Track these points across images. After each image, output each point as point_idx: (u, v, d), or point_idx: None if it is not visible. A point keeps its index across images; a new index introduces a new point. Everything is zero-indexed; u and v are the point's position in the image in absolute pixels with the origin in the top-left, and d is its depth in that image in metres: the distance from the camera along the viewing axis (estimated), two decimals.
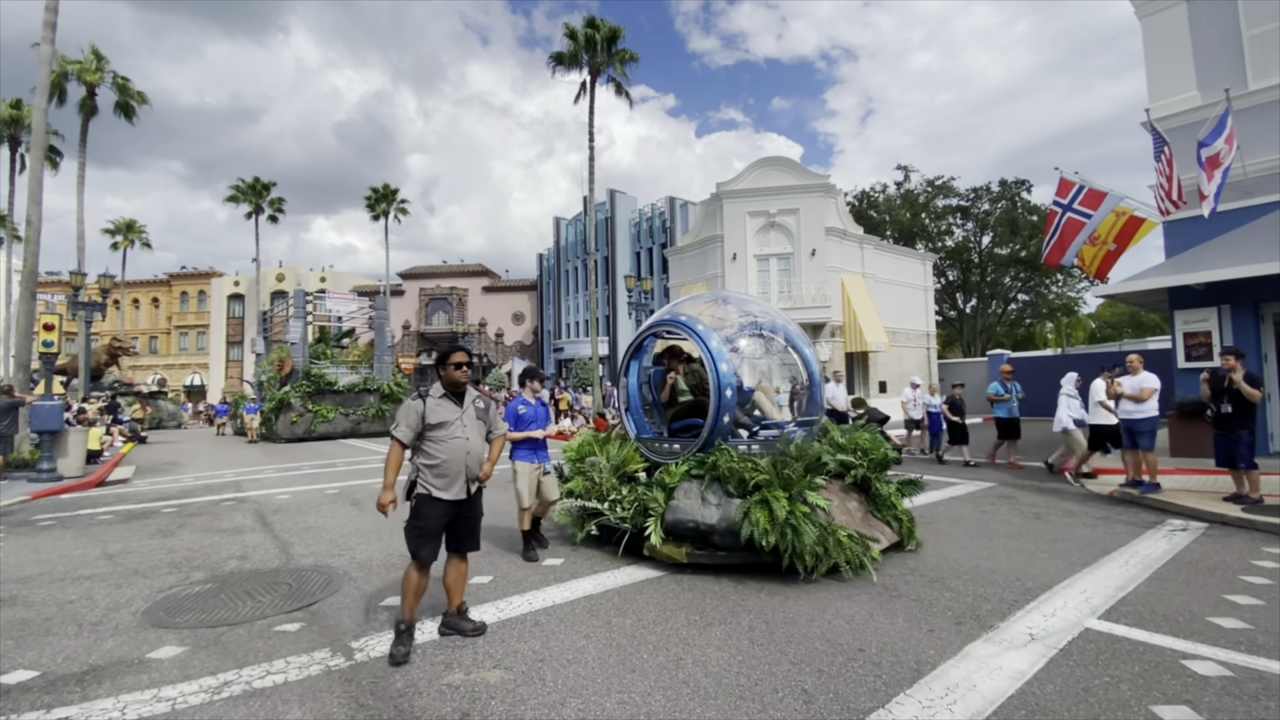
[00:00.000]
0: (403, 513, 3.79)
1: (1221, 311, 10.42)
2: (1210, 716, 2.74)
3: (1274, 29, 10.30)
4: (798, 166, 25.81)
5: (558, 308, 43.44)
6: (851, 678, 3.19)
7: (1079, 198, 11.03)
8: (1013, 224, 38.59)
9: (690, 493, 5.18)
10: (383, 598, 4.59)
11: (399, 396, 23.29)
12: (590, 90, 24.89)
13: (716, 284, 25.70)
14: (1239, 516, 6.38)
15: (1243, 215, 10.24)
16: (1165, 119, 10.99)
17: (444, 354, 3.78)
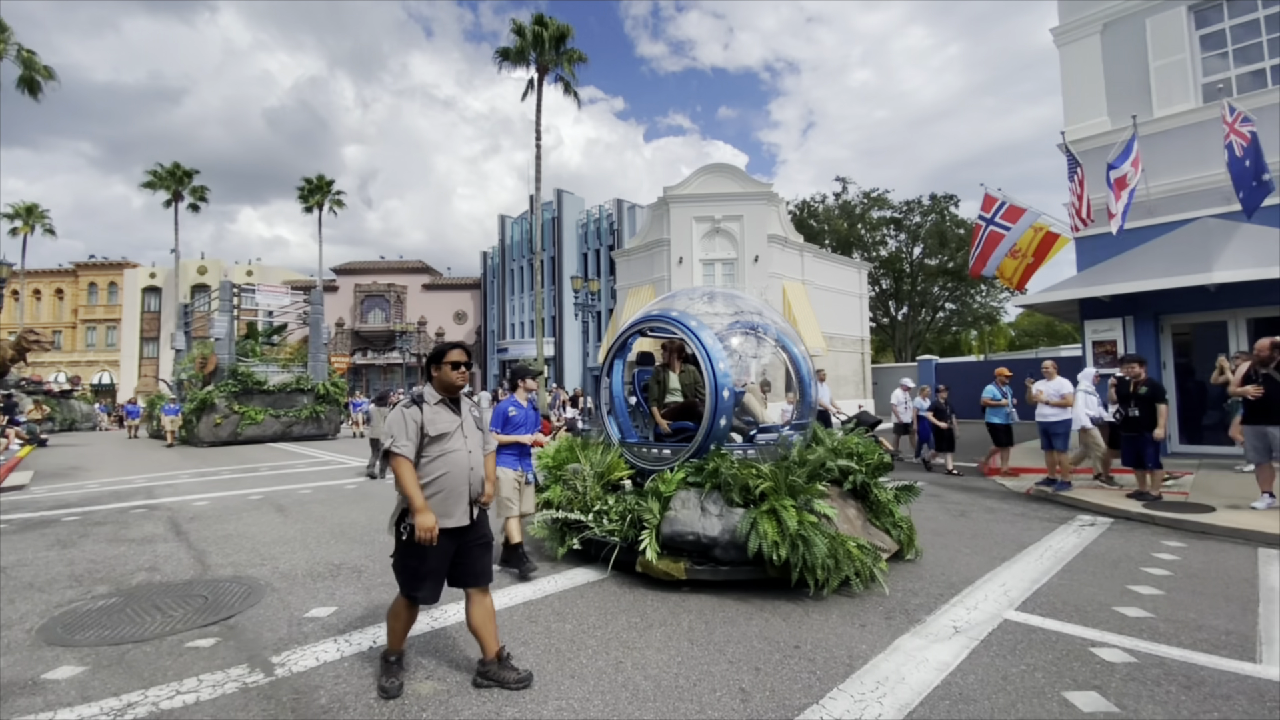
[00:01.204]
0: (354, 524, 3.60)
1: (1126, 322, 11.26)
2: (1117, 700, 2.93)
3: (1177, 61, 11.23)
4: (742, 174, 26.34)
5: (502, 307, 42.71)
6: (787, 674, 3.25)
7: (1001, 212, 11.69)
8: (941, 236, 40.59)
9: (689, 502, 4.76)
10: (308, 608, 4.36)
11: (335, 397, 22.24)
12: (537, 88, 24.62)
13: (663, 287, 25.88)
14: (1140, 512, 6.88)
15: (1147, 233, 11.10)
16: (1079, 142, 11.80)
17: (438, 351, 3.20)
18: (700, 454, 5.09)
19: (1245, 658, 3.37)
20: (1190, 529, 6.33)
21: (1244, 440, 7.05)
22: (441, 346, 3.22)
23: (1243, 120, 9.05)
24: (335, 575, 5.18)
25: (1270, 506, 6.60)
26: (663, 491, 4.89)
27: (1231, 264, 9.38)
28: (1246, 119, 9.07)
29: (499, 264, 43.35)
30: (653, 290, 26.46)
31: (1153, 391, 7.55)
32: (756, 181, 26.21)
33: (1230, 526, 6.09)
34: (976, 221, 12.35)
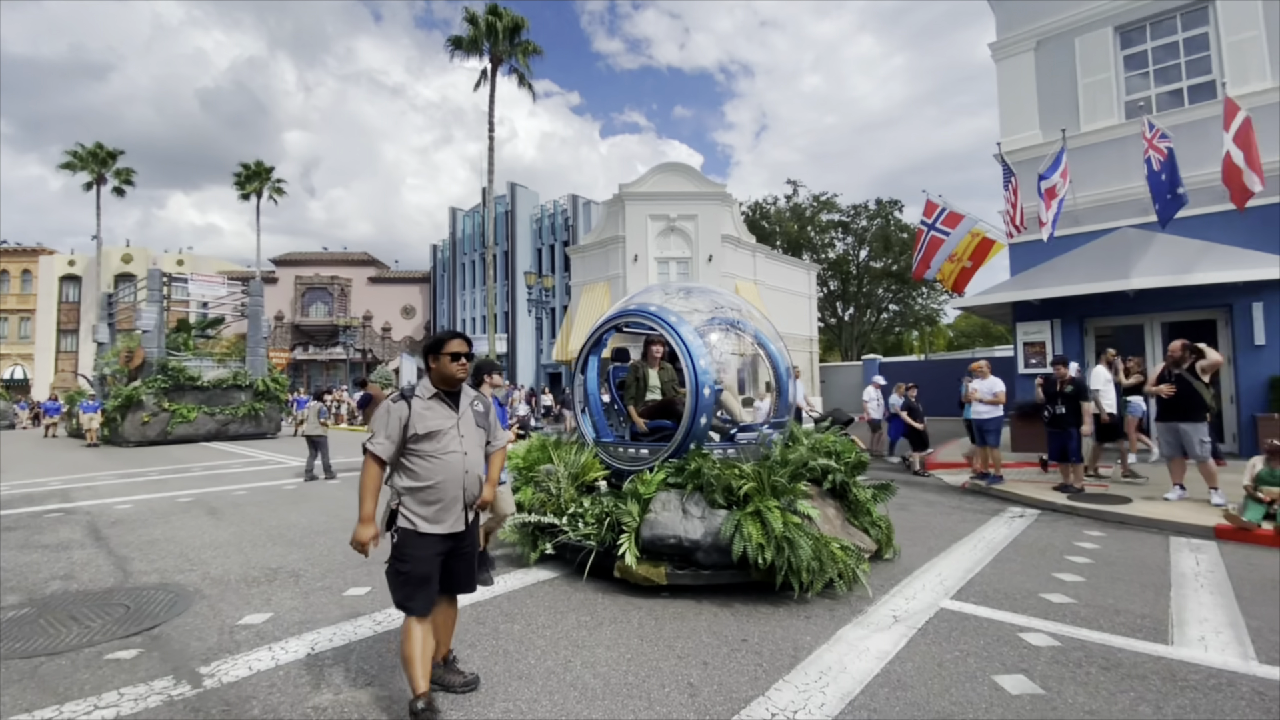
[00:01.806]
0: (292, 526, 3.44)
1: (1054, 324, 11.91)
2: (1042, 683, 3.10)
3: (1103, 79, 11.93)
4: (697, 174, 26.56)
5: (452, 302, 41.78)
6: (735, 668, 3.29)
7: (941, 218, 12.18)
8: (886, 240, 41.96)
9: (669, 504, 4.59)
10: (241, 616, 4.16)
11: (276, 394, 21.21)
12: (491, 79, 24.18)
13: (618, 284, 25.88)
14: (1065, 504, 7.30)
15: (1074, 241, 11.76)
16: (1013, 153, 12.40)
17: (436, 341, 2.90)
18: (680, 453, 4.94)
19: (1158, 640, 3.62)
20: (1109, 519, 6.75)
21: (1157, 435, 7.56)
22: (441, 335, 2.90)
23: (1161, 137, 9.69)
24: (271, 580, 4.96)
25: (1181, 498, 7.10)
26: (642, 493, 4.72)
27: (1148, 271, 10.04)
28: (1164, 135, 9.72)
29: (449, 258, 42.38)
30: (608, 288, 26.42)
31: (1078, 390, 8.02)
32: (711, 182, 26.48)
33: (1145, 517, 6.53)
34: (919, 226, 12.83)
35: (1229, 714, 2.78)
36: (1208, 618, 3.92)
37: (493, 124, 24.01)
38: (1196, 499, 7.00)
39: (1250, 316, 10.02)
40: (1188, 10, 11.22)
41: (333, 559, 5.55)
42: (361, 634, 3.80)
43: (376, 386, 11.98)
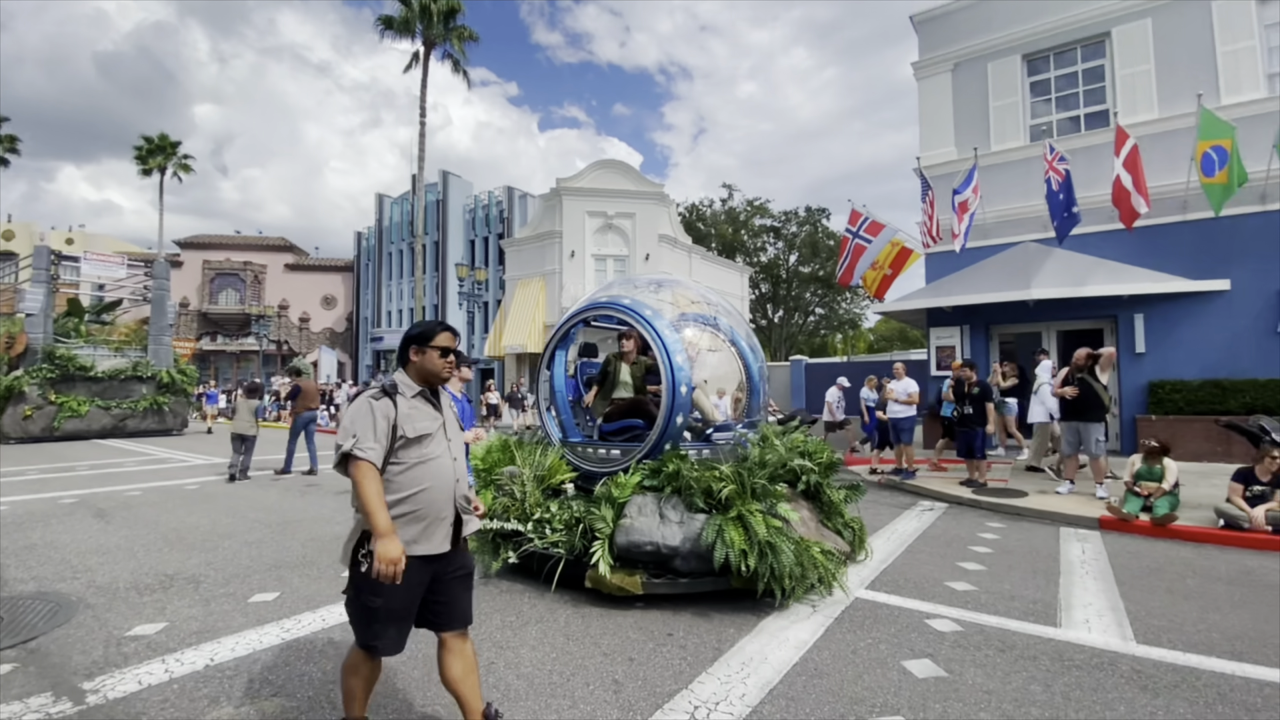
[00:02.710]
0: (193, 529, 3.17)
1: (963, 330, 12.71)
2: (946, 666, 3.29)
3: (1011, 103, 12.80)
4: (636, 173, 26.65)
5: (378, 293, 40.07)
6: (660, 662, 3.32)
7: (864, 227, 12.75)
8: (814, 246, 43.57)
9: (646, 508, 4.36)
10: (131, 626, 3.83)
11: (182, 387, 19.49)
12: (424, 63, 23.32)
13: (554, 280, 25.61)
14: (970, 497, 7.80)
15: (983, 252, 12.58)
16: (931, 168, 13.12)
17: (424, 332, 2.49)
18: (654, 454, 4.71)
19: (1048, 623, 3.92)
20: (1008, 512, 7.28)
21: (1060, 433, 8.24)
22: (429, 325, 2.53)
23: (1060, 159, 10.51)
24: (167, 587, 4.59)
25: (1071, 492, 7.74)
26: (616, 497, 4.44)
27: (1046, 283, 10.88)
28: (1063, 158, 10.55)
29: (375, 246, 40.62)
30: (543, 283, 26.09)
31: (983, 392, 8.59)
32: (650, 181, 26.63)
33: (1039, 509, 7.08)
34: (844, 234, 13.37)
35: (1110, 690, 3.05)
36: (1092, 602, 4.29)
37: (424, 109, 23.18)
38: (1084, 493, 7.65)
39: (1133, 327, 11.04)
40: (1087, 43, 12.22)
41: (237, 563, 5.20)
42: (268, 642, 3.57)
43: (307, 379, 11.22)
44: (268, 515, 7.10)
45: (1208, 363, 10.30)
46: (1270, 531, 5.72)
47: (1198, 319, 10.52)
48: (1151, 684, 3.10)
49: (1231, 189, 9.13)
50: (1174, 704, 2.91)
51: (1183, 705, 2.90)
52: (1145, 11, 11.47)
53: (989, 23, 13.07)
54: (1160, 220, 10.72)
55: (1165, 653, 3.46)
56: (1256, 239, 10.16)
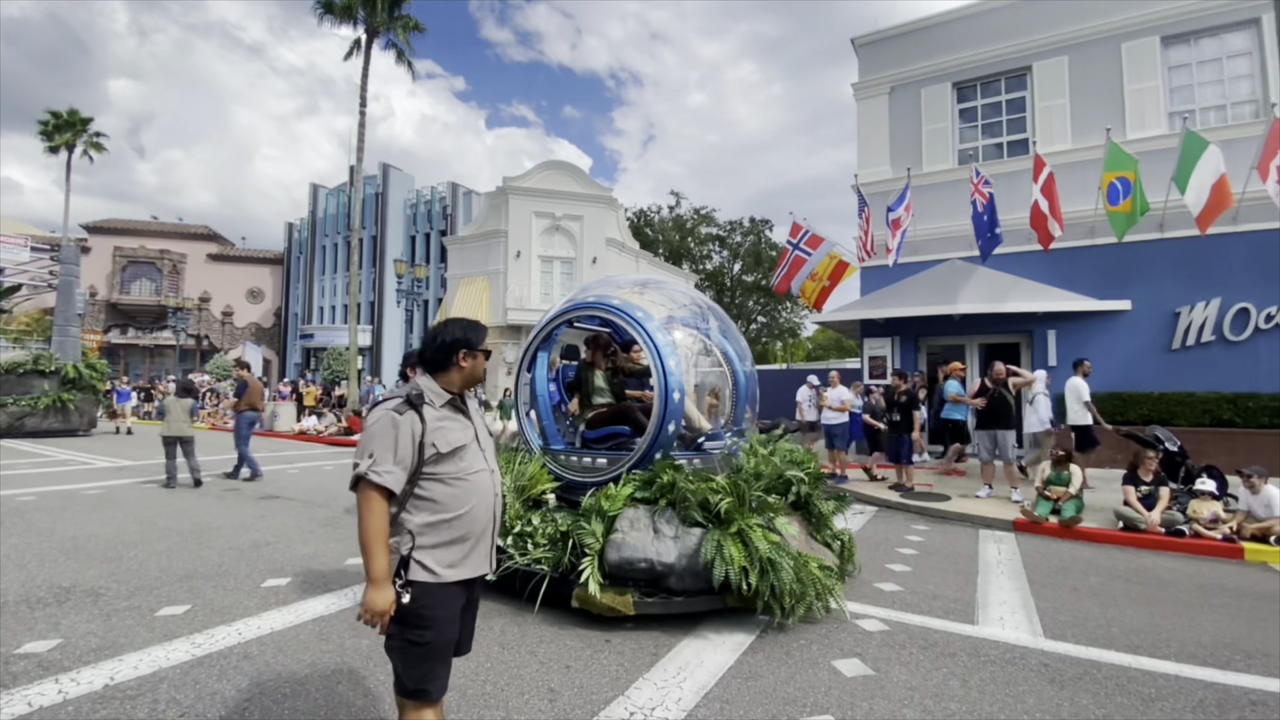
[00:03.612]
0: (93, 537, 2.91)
1: (894, 341, 13.29)
2: (873, 664, 3.41)
3: (941, 128, 13.51)
4: (585, 176, 26.56)
5: (309, 287, 38.32)
6: (597, 669, 3.29)
7: (804, 239, 13.16)
8: (757, 256, 44.65)
9: (639, 522, 4.10)
10: (20, 643, 3.50)
11: (91, 383, 17.64)
12: (365, 51, 22.51)
13: (499, 280, 25.18)
14: (898, 501, 8.15)
15: (914, 268, 13.19)
16: (867, 185, 13.68)
17: (475, 335, 2.21)
18: (644, 464, 4.46)
19: (967, 620, 4.12)
20: (933, 515, 7.64)
21: (977, 440, 8.71)
22: (477, 326, 2.24)
23: (984, 183, 11.16)
24: (62, 601, 4.22)
25: (989, 495, 8.20)
26: (607, 510, 4.17)
27: (970, 299, 11.52)
28: (987, 182, 11.19)
29: (308, 238, 38.86)
30: (487, 283, 25.61)
31: (910, 400, 8.99)
32: (598, 185, 26.61)
33: (960, 512, 7.46)
34: (785, 245, 13.75)
35: (1020, 684, 3.23)
36: (1006, 600, 4.55)
37: (365, 99, 22.35)
38: (999, 497, 8.12)
39: (1046, 342, 11.83)
40: (1011, 75, 13.05)
41: (144, 574, 4.84)
42: (176, 659, 3.33)
43: (251, 375, 10.40)
44: (180, 522, 6.64)
45: (1111, 376, 11.14)
46: (1164, 532, 6.23)
47: (1103, 336, 11.38)
48: (1058, 677, 3.31)
49: (1134, 217, 9.93)
50: (1078, 696, 3.11)
51: (1086, 697, 3.10)
52: (1063, 49, 12.35)
53: (923, 50, 13.77)
54: (1072, 244, 11.54)
55: (1070, 647, 3.71)
56: (1154, 264, 11.09)
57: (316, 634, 3.72)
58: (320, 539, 6.00)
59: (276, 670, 3.23)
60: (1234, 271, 10.50)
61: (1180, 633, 3.97)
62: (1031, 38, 12.62)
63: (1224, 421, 10.05)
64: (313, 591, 4.47)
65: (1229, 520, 6.18)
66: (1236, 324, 10.47)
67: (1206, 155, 9.37)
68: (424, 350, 2.20)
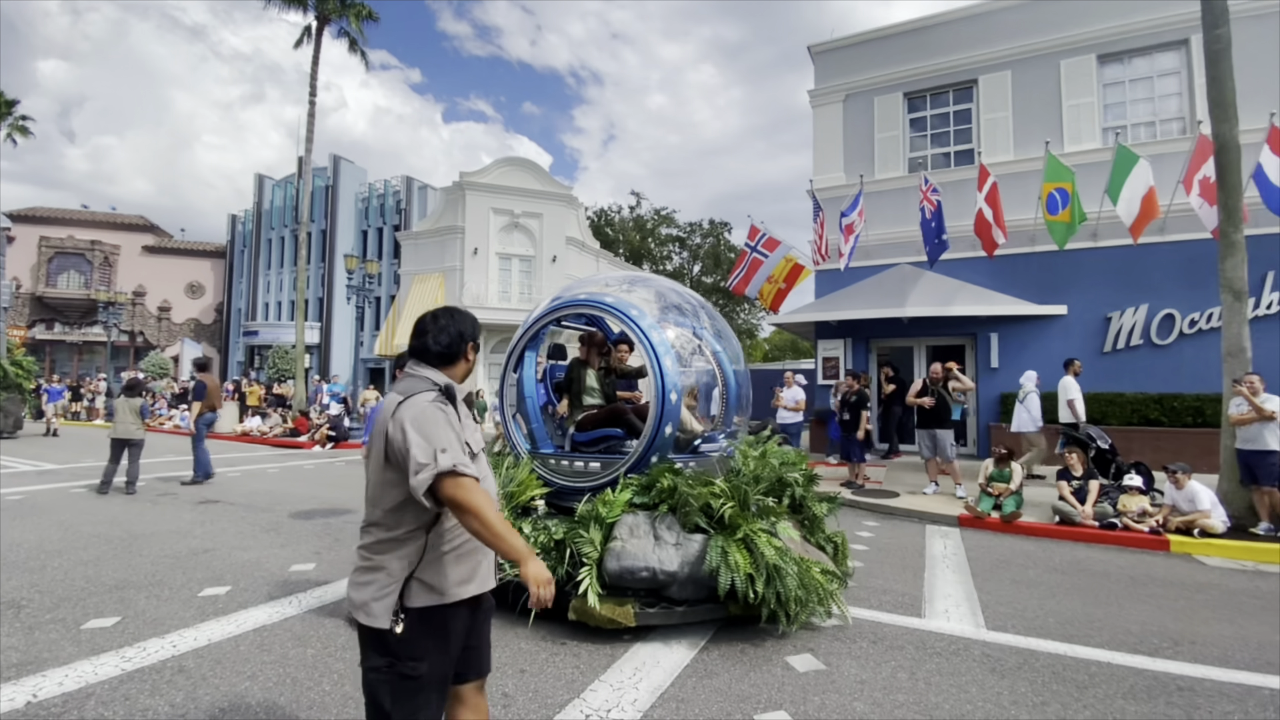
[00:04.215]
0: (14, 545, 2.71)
1: (847, 343, 13.63)
2: (824, 659, 3.48)
3: (892, 136, 13.91)
4: (544, 173, 26.31)
5: (253, 282, 36.78)
6: (553, 673, 3.26)
7: (762, 242, 13.36)
8: (716, 257, 45.17)
9: (638, 529, 3.94)
10: None
11: (17, 381, 16.36)
12: (316, 38, 21.75)
13: (455, 277, 24.70)
14: (850, 498, 8.34)
15: (867, 271, 13.54)
16: (822, 190, 13.98)
17: (470, 328, 2.06)
18: (640, 467, 4.31)
19: (914, 614, 4.25)
20: (883, 511, 7.86)
21: (918, 439, 8.99)
22: (475, 320, 2.11)
23: (933, 191, 11.55)
24: None
25: (935, 492, 8.48)
26: (605, 516, 3.99)
27: (918, 303, 11.90)
28: (935, 190, 11.59)
29: (253, 231, 37.29)
30: (442, 279, 25.09)
31: (859, 400, 9.23)
32: (558, 183, 26.39)
33: (908, 509, 7.69)
34: (744, 248, 13.94)
35: (964, 674, 3.35)
36: (951, 593, 4.71)
37: (315, 88, 21.60)
38: (945, 493, 8.41)
39: (990, 344, 12.32)
40: (958, 88, 13.54)
41: (70, 585, 4.55)
42: (104, 673, 3.14)
43: (211, 376, 9.76)
44: (109, 529, 6.27)
45: (1049, 378, 11.63)
46: (1097, 526, 6.56)
47: (1041, 339, 11.92)
48: (999, 666, 3.45)
49: (1073, 227, 10.44)
50: (1017, 684, 3.24)
51: (1024, 685, 3.24)
52: (1006, 64, 12.89)
53: (877, 60, 14.16)
54: (1014, 251, 12.04)
55: (1011, 637, 3.86)
56: (1089, 271, 11.69)
57: (257, 645, 3.56)
58: (263, 545, 5.76)
59: (214, 684, 3.08)
60: (1161, 279, 11.15)
61: (1111, 622, 4.18)
62: (977, 52, 13.13)
63: (1151, 420, 10.67)
64: (254, 600, 4.28)
65: (1155, 514, 6.56)
66: (1163, 329, 11.14)
67: (1137, 169, 9.93)
68: (434, 340, 1.98)
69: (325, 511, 7.30)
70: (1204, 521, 6.23)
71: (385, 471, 1.81)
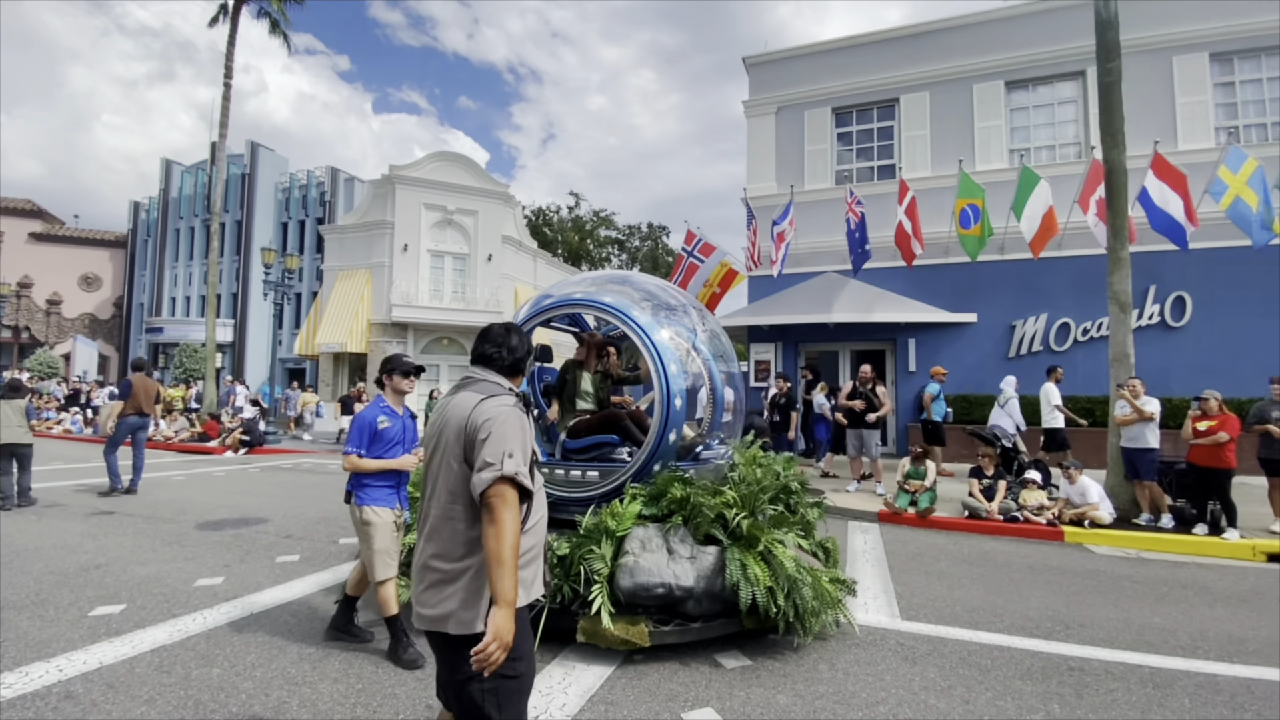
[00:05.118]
0: None
1: (777, 346, 14.06)
2: (750, 655, 3.58)
3: (821, 149, 14.46)
4: (480, 170, 25.74)
5: (158, 275, 34.16)
6: None
7: (698, 247, 13.58)
8: (655, 261, 45.57)
9: (650, 543, 3.74)
10: None
11: None
12: (233, 17, 20.43)
13: (383, 273, 23.76)
14: None
15: (796, 278, 14.01)
16: (755, 199, 14.38)
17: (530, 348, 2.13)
18: (643, 476, 4.13)
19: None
20: None
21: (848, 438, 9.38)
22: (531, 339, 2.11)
23: (857, 203, 12.09)
24: None
25: (858, 490, 8.87)
26: (614, 529, 3.77)
27: (843, 309, 12.43)
28: (860, 202, 12.14)
29: (158, 220, 34.63)
30: (369, 276, 24.09)
31: (788, 402, 9.55)
32: (495, 180, 25.87)
33: (833, 505, 7.99)
34: (680, 252, 14.14)
35: (880, 663, 3.52)
36: (870, 586, 4.94)
37: (231, 70, 20.28)
38: (866, 490, 8.81)
39: (908, 349, 13.01)
40: (882, 105, 14.24)
41: None
42: None
43: (141, 376, 8.77)
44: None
45: (961, 380, 12.45)
46: (1002, 520, 7.04)
47: (954, 344, 12.70)
48: (912, 654, 3.65)
49: (983, 241, 11.18)
50: (927, 670, 3.44)
51: (934, 670, 3.44)
52: (925, 85, 13.67)
53: (807, 76, 14.70)
54: (930, 261, 12.77)
55: (922, 626, 4.09)
56: (996, 282, 12.55)
57: (156, 666, 3.31)
58: (164, 559, 5.35)
59: (105, 710, 2.84)
60: (1058, 291, 12.12)
61: (1012, 608, 4.50)
62: (899, 73, 13.86)
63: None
64: (153, 619, 3.97)
65: (1052, 507, 7.11)
66: (1059, 336, 12.10)
67: (1038, 189, 10.75)
68: (509, 352, 2.03)
69: (236, 521, 6.86)
70: (1093, 514, 6.81)
71: (462, 466, 1.80)
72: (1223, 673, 3.48)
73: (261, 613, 4.11)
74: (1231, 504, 6.48)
